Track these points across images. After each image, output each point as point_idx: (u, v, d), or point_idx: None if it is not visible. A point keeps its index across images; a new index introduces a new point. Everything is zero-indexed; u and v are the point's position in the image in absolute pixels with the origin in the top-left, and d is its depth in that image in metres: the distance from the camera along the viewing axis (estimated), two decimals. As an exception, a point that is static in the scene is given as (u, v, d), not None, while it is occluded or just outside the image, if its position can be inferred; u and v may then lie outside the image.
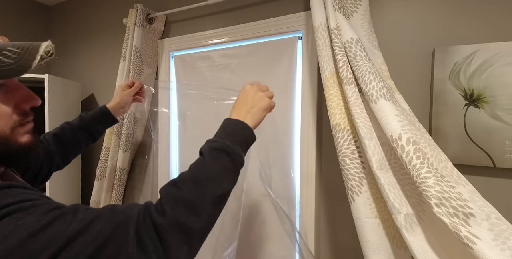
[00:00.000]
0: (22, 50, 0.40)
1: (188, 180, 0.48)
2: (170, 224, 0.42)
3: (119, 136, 1.37)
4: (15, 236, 0.34)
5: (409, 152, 0.68)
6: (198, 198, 0.46)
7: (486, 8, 0.82)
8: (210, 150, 0.53)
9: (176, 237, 0.42)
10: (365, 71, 0.78)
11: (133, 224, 0.41)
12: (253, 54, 1.21)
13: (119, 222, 0.41)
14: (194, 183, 0.48)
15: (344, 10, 0.88)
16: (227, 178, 0.52)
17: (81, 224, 0.38)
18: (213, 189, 0.49)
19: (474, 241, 0.56)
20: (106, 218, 0.40)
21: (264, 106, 0.65)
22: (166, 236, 0.41)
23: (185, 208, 0.44)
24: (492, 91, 0.78)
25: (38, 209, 0.37)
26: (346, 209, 0.91)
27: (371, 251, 0.75)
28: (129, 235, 0.40)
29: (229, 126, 0.59)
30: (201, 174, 0.49)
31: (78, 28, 1.79)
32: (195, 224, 0.44)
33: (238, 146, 0.56)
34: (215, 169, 0.51)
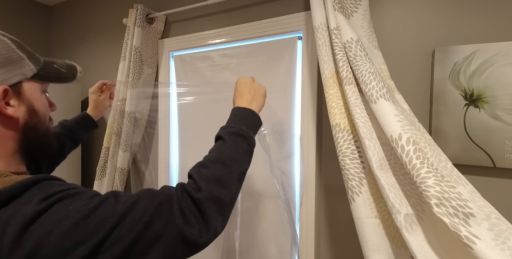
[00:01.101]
0: (68, 65, 0.56)
1: (216, 161, 0.55)
2: (208, 197, 0.48)
3: (119, 136, 1.37)
4: (68, 220, 0.37)
5: (409, 151, 0.68)
6: (226, 175, 0.53)
7: (486, 8, 0.82)
8: (229, 134, 0.60)
9: (213, 208, 0.48)
10: (365, 71, 0.78)
11: (174, 200, 0.46)
12: (253, 54, 1.21)
13: (161, 199, 0.45)
14: (221, 163, 0.54)
15: (344, 10, 0.88)
16: (246, 157, 0.61)
17: (127, 205, 0.42)
18: (237, 167, 0.56)
19: (474, 241, 0.56)
20: (147, 198, 0.44)
21: (263, 92, 0.75)
22: (205, 208, 0.47)
23: (217, 184, 0.50)
24: (492, 91, 0.78)
25: (83, 195, 0.41)
26: (346, 209, 0.91)
27: (371, 251, 0.75)
28: (174, 209, 0.45)
29: (240, 114, 0.67)
30: (225, 155, 0.56)
31: (77, 28, 1.79)
32: (226, 197, 0.51)
33: (251, 131, 0.64)
34: (237, 150, 0.58)
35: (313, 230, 1.06)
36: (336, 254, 1.05)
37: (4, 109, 0.44)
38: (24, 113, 0.48)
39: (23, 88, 0.48)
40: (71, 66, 0.57)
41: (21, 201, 0.38)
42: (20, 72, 0.47)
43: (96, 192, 0.44)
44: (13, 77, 0.46)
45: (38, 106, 0.50)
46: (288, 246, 1.12)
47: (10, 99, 0.46)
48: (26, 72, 0.48)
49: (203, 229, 0.46)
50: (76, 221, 0.37)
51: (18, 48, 0.47)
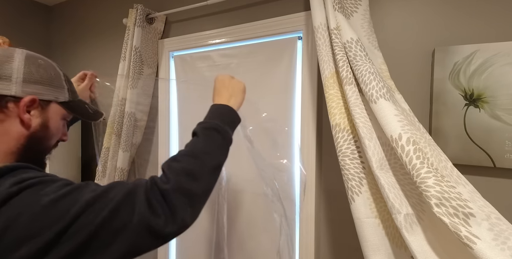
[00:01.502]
0: (97, 111, 0.68)
1: (186, 154, 0.56)
2: (175, 189, 0.49)
3: (119, 136, 1.37)
4: (38, 204, 0.40)
5: (409, 151, 0.68)
6: (197, 168, 0.53)
7: (486, 8, 0.82)
8: (203, 129, 0.61)
9: (181, 200, 0.49)
10: (365, 71, 0.78)
11: (142, 190, 0.47)
12: (253, 54, 1.21)
13: (129, 189, 0.47)
14: (192, 156, 0.55)
15: (344, 10, 0.88)
16: (220, 151, 0.61)
17: (96, 192, 0.44)
18: (209, 160, 0.56)
19: (474, 241, 0.56)
20: (116, 188, 0.47)
21: (242, 88, 0.75)
22: (172, 199, 0.48)
23: (186, 176, 0.51)
24: (492, 91, 0.78)
25: (56, 183, 0.44)
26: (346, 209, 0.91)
27: (371, 251, 0.75)
28: (140, 198, 0.46)
29: (216, 110, 0.67)
30: (197, 149, 0.57)
31: (77, 28, 1.79)
32: (195, 188, 0.51)
33: (226, 125, 0.64)
34: (209, 144, 0.59)
35: (313, 230, 1.06)
36: (336, 254, 1.05)
37: (22, 113, 0.50)
38: (37, 124, 0.53)
39: (49, 106, 0.55)
40: (99, 112, 0.68)
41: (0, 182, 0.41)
42: (55, 95, 0.55)
43: (71, 181, 0.47)
44: (47, 95, 0.54)
45: (52, 126, 0.56)
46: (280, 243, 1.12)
47: (32, 109, 0.52)
48: (59, 97, 0.56)
49: (169, 219, 0.46)
50: (45, 205, 0.40)
51: (65, 80, 0.58)
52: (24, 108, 0.50)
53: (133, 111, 1.36)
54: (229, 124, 0.65)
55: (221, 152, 0.61)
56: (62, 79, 0.57)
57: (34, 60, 0.54)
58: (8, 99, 0.49)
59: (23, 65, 0.51)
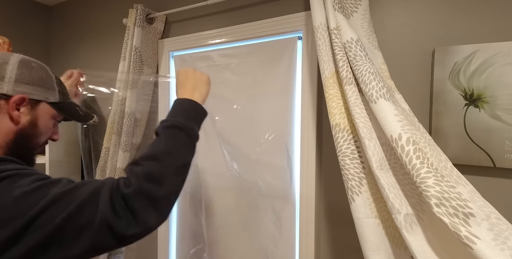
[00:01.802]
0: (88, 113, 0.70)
1: (147, 157, 0.54)
2: (136, 192, 0.48)
3: (119, 136, 1.37)
4: (10, 195, 0.42)
5: (409, 151, 0.68)
6: (159, 171, 0.52)
7: (486, 8, 0.82)
8: (164, 128, 0.59)
9: (142, 203, 0.48)
10: (365, 71, 0.78)
11: (107, 190, 0.48)
12: (253, 54, 1.21)
13: (96, 187, 0.48)
14: (153, 159, 0.54)
15: (344, 10, 0.88)
16: (184, 149, 0.58)
17: (65, 188, 0.46)
18: (171, 161, 0.55)
19: (474, 241, 0.56)
20: (86, 185, 0.48)
21: (205, 80, 0.72)
22: (133, 203, 0.47)
23: (148, 180, 0.50)
24: (492, 91, 0.78)
25: (32, 176, 0.46)
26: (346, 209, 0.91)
27: (371, 251, 0.75)
28: (104, 198, 0.46)
29: (179, 106, 0.65)
30: (157, 150, 0.55)
31: (78, 28, 1.79)
32: (159, 192, 0.50)
33: (190, 121, 0.62)
34: (171, 143, 0.57)
35: (313, 230, 1.06)
36: (336, 254, 1.05)
37: (11, 110, 0.54)
38: (26, 122, 0.56)
39: (38, 106, 0.58)
40: (89, 114, 0.70)
41: None
42: (45, 95, 0.59)
43: (47, 176, 0.49)
44: (37, 95, 0.57)
45: (41, 124, 0.59)
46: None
47: (22, 107, 0.55)
48: (49, 97, 0.60)
49: (131, 222, 0.47)
50: (16, 196, 0.42)
51: (56, 82, 0.61)
52: (14, 105, 0.54)
53: (133, 111, 1.36)
54: (194, 120, 0.63)
55: (186, 150, 0.59)
56: (53, 81, 0.61)
57: (27, 63, 0.57)
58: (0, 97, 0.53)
59: (16, 67, 0.54)
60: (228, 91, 1.27)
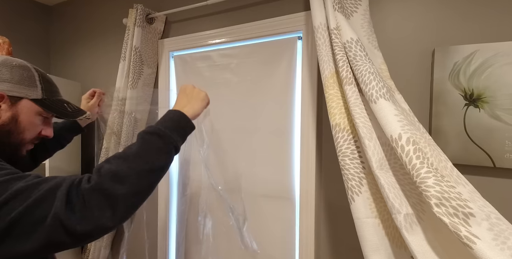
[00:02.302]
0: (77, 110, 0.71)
1: (118, 157, 0.55)
2: (94, 188, 0.49)
3: (119, 136, 1.37)
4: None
5: (409, 151, 0.68)
6: (124, 170, 0.52)
7: (485, 8, 0.82)
8: (143, 133, 0.61)
9: (98, 200, 0.48)
10: (365, 71, 0.78)
11: (65, 186, 0.48)
12: (253, 54, 1.21)
13: (56, 183, 0.49)
14: (123, 159, 0.54)
15: (344, 10, 0.88)
16: (156, 155, 0.58)
17: (27, 183, 0.47)
18: (140, 163, 0.55)
19: (474, 241, 0.56)
20: (48, 181, 0.49)
21: (201, 97, 0.75)
22: (89, 199, 0.48)
23: (110, 178, 0.50)
24: (492, 91, 0.78)
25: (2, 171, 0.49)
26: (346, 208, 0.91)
27: (371, 251, 0.75)
28: (61, 193, 0.47)
29: (167, 115, 0.67)
30: (129, 152, 0.57)
31: (77, 28, 1.79)
32: (118, 190, 0.50)
33: (173, 131, 0.63)
34: (144, 147, 0.58)
35: (313, 230, 1.06)
36: (336, 254, 1.05)
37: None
38: (6, 118, 0.59)
39: (20, 103, 0.60)
40: (80, 111, 0.71)
41: None
42: (25, 92, 0.60)
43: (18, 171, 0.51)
44: (17, 92, 0.59)
45: (24, 122, 0.61)
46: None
47: (1, 103, 0.57)
48: (30, 94, 0.61)
49: (84, 219, 0.46)
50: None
51: (39, 79, 0.63)
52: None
53: (133, 111, 1.36)
54: (177, 130, 0.64)
55: (159, 156, 0.58)
56: (35, 79, 0.62)
57: (8, 63, 0.60)
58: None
59: None
60: (228, 91, 1.27)
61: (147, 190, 0.55)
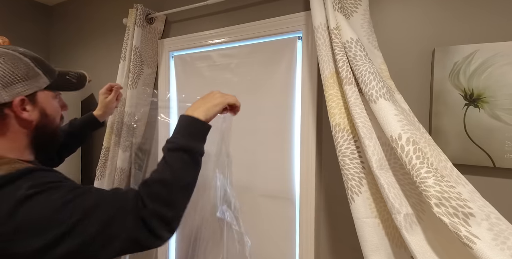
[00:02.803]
0: (79, 75, 0.69)
1: (157, 181, 0.61)
2: (151, 213, 0.56)
3: (119, 136, 1.37)
4: (48, 208, 0.47)
5: (409, 151, 0.68)
6: (167, 195, 0.60)
7: (485, 8, 0.82)
8: (169, 151, 0.65)
9: (156, 222, 0.57)
10: (365, 71, 0.78)
11: (129, 207, 0.55)
12: (253, 54, 1.21)
13: (122, 204, 0.55)
14: (162, 184, 0.60)
15: (344, 10, 0.88)
16: (188, 171, 0.65)
17: (92, 204, 0.51)
18: (178, 184, 0.62)
19: (473, 241, 0.56)
20: (111, 200, 0.55)
21: (216, 101, 0.74)
22: (150, 223, 0.56)
23: (159, 202, 0.58)
24: (492, 91, 0.78)
25: (65, 188, 0.51)
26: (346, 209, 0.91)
27: (371, 251, 0.75)
28: (128, 216, 0.54)
29: (180, 123, 0.69)
30: (166, 175, 0.62)
31: (77, 28, 1.79)
32: (169, 213, 0.59)
33: (192, 139, 0.67)
34: (176, 166, 0.63)
35: (313, 230, 1.06)
36: (336, 254, 1.05)
37: (20, 114, 0.56)
38: (37, 116, 0.60)
39: (37, 97, 0.59)
40: (81, 75, 0.70)
41: (16, 185, 0.48)
42: (36, 85, 0.58)
43: (78, 185, 0.54)
44: (29, 89, 0.57)
45: (50, 111, 0.62)
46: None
47: (26, 106, 0.57)
48: (41, 85, 0.59)
49: (151, 237, 0.56)
50: (54, 209, 0.47)
51: (36, 65, 0.59)
52: (19, 109, 0.56)
53: (133, 111, 1.36)
54: (194, 137, 0.67)
55: (189, 170, 0.65)
56: (32, 66, 0.58)
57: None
58: (2, 107, 0.54)
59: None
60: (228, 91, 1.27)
61: (187, 202, 0.65)
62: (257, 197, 1.20)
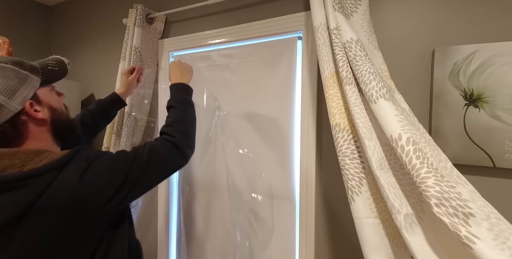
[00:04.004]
0: (58, 62, 0.70)
1: (176, 122, 0.84)
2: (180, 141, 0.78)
3: (119, 136, 1.37)
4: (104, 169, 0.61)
5: (409, 151, 0.68)
6: (185, 129, 0.83)
7: (485, 8, 0.82)
8: (176, 102, 0.90)
9: (183, 146, 0.78)
10: (365, 71, 0.78)
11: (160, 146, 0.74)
12: (253, 54, 1.21)
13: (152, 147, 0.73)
14: (180, 123, 0.84)
15: (344, 10, 0.88)
16: (192, 113, 0.91)
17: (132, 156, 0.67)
18: (189, 122, 0.87)
19: (473, 241, 0.56)
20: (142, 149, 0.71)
21: (189, 69, 1.05)
22: (180, 146, 0.77)
23: (183, 134, 0.81)
24: (491, 91, 0.78)
25: (108, 154, 0.65)
26: (346, 209, 0.91)
27: (371, 251, 0.75)
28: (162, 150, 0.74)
29: (176, 87, 0.96)
30: (179, 117, 0.86)
31: (77, 28, 1.79)
32: (188, 140, 0.82)
33: (187, 95, 0.95)
34: (187, 112, 0.89)
35: (313, 230, 1.06)
36: (336, 254, 1.05)
37: (35, 116, 0.62)
38: (48, 112, 0.65)
39: (39, 96, 0.64)
40: (60, 62, 0.71)
41: (74, 162, 0.59)
42: (32, 86, 0.62)
43: (113, 153, 0.67)
44: (30, 92, 0.61)
45: (55, 104, 0.68)
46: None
47: (36, 107, 0.62)
48: (35, 84, 0.63)
49: (182, 157, 0.78)
50: (109, 170, 0.62)
51: (20, 68, 0.61)
52: (32, 112, 0.61)
53: (133, 111, 1.36)
54: (187, 94, 0.96)
55: (192, 112, 0.91)
56: (18, 70, 0.60)
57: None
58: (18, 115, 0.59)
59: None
60: (228, 91, 1.27)
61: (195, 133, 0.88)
62: (257, 197, 1.20)
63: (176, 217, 1.45)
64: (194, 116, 0.90)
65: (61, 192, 0.56)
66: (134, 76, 1.19)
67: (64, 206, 0.56)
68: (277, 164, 1.16)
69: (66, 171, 0.57)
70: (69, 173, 0.57)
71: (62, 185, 0.56)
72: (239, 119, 1.25)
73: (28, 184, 0.54)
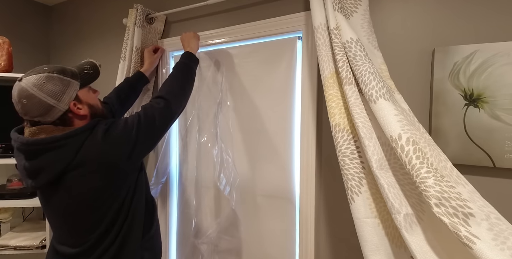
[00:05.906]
0: (91, 66, 0.84)
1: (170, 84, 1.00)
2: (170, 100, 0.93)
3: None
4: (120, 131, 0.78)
5: (409, 151, 0.68)
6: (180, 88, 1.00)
7: (485, 8, 0.82)
8: (175, 69, 1.06)
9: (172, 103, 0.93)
10: (364, 71, 0.78)
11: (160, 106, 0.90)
12: (253, 54, 1.21)
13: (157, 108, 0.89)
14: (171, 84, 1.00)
15: (344, 10, 0.88)
16: (188, 76, 1.06)
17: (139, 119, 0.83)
18: (182, 84, 1.02)
19: (473, 241, 0.56)
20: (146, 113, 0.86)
21: (192, 35, 1.19)
22: (169, 103, 0.92)
23: (171, 94, 0.95)
24: (491, 91, 0.78)
25: (121, 121, 0.81)
26: (346, 208, 0.91)
27: (371, 251, 0.75)
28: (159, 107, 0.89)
29: (182, 56, 1.11)
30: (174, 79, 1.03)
31: (77, 28, 1.79)
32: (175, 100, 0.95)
33: (191, 62, 1.10)
34: (178, 76, 1.04)
35: (313, 230, 1.06)
36: (336, 254, 1.05)
37: (78, 113, 0.78)
38: (87, 109, 0.81)
39: (79, 96, 0.78)
40: (93, 65, 0.85)
41: (96, 129, 0.76)
42: (73, 89, 0.77)
43: (126, 118, 0.82)
44: (73, 94, 0.76)
45: (92, 102, 0.83)
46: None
47: (78, 106, 0.78)
48: (76, 88, 0.77)
49: (170, 111, 0.91)
50: (124, 131, 0.78)
51: (64, 75, 0.75)
52: (76, 110, 0.77)
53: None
54: (192, 61, 1.10)
55: (184, 76, 1.05)
56: (62, 78, 0.75)
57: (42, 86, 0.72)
58: (66, 113, 0.75)
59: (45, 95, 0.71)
60: (228, 91, 1.27)
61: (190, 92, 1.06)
62: (257, 196, 1.20)
63: (176, 217, 1.45)
64: (186, 77, 1.04)
65: (92, 148, 0.73)
66: (157, 55, 1.36)
67: (96, 159, 0.73)
68: (277, 164, 1.16)
69: (94, 132, 0.75)
70: (96, 134, 0.74)
71: (92, 142, 0.74)
72: (239, 119, 1.25)
73: (68, 144, 0.72)
